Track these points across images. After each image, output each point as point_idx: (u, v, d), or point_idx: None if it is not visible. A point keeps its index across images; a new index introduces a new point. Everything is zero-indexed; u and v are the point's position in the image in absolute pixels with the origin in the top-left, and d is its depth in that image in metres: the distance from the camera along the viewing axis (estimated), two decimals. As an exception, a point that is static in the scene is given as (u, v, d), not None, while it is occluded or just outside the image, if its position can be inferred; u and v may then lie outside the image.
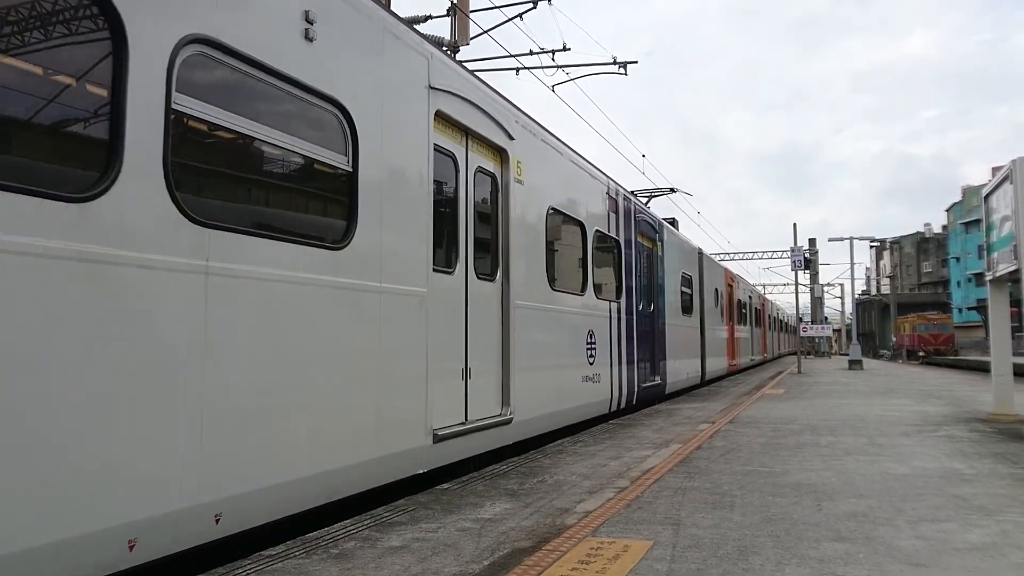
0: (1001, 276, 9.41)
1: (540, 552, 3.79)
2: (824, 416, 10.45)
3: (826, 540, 3.96)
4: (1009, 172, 8.68)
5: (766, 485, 5.46)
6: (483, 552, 3.81)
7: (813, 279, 43.95)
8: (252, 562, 3.66)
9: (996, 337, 10.00)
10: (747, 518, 4.46)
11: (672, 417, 10.62)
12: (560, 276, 8.49)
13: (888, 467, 6.17)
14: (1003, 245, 9.19)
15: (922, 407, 11.79)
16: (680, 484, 5.53)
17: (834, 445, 7.49)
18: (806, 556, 3.67)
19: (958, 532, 4.09)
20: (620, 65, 16.12)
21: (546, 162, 8.22)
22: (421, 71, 5.63)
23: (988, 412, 10.13)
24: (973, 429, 8.74)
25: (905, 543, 3.88)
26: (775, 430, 8.83)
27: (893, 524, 4.28)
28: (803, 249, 28.68)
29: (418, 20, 14.01)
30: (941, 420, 9.80)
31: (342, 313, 4.62)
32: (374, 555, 3.76)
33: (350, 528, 4.32)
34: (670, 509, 4.72)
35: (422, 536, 4.13)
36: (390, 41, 5.25)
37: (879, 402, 12.89)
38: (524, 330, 7.24)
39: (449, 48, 13.55)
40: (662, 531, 4.18)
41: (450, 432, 5.74)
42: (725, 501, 4.93)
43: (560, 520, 4.48)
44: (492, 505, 4.91)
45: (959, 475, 5.77)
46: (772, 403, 12.85)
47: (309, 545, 3.95)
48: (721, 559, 3.63)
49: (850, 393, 15.31)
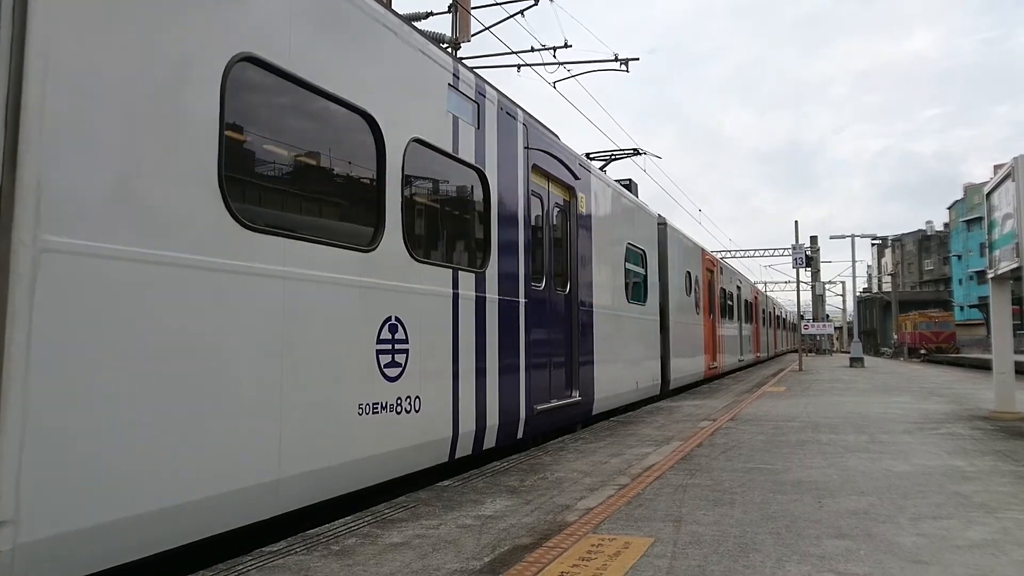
0: (1003, 274, 9.40)
1: (541, 549, 3.79)
2: (825, 413, 10.44)
3: (827, 537, 3.96)
4: (1011, 170, 8.67)
5: (767, 482, 5.46)
6: (484, 549, 3.81)
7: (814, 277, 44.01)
8: (253, 558, 3.66)
9: (997, 335, 9.99)
10: (748, 515, 4.46)
11: (673, 414, 10.62)
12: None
13: (889, 464, 6.16)
14: (1005, 243, 9.18)
15: (923, 405, 11.78)
16: (681, 481, 5.53)
17: (835, 442, 7.49)
18: (807, 553, 3.67)
19: (959, 529, 4.09)
20: (622, 62, 16.11)
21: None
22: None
23: (989, 410, 10.13)
24: (974, 427, 8.73)
25: (906, 540, 3.88)
26: (776, 427, 8.83)
27: (894, 521, 4.28)
28: (804, 247, 28.67)
29: (419, 17, 14.00)
30: (942, 418, 9.79)
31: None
32: (375, 551, 3.77)
33: (351, 524, 4.32)
34: (671, 506, 4.72)
35: (423, 532, 4.14)
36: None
37: (880, 399, 12.89)
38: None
39: (450, 44, 13.54)
40: (663, 528, 4.18)
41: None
42: (726, 498, 4.93)
43: (561, 517, 4.48)
44: (493, 502, 4.92)
45: (960, 472, 5.77)
46: (773, 400, 12.84)
47: (310, 541, 3.95)
48: (722, 556, 3.63)
49: (851, 391, 15.31)
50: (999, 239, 9.51)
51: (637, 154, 16.04)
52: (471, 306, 6.32)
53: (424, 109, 5.73)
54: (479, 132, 6.62)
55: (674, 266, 14.67)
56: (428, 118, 5.78)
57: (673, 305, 14.39)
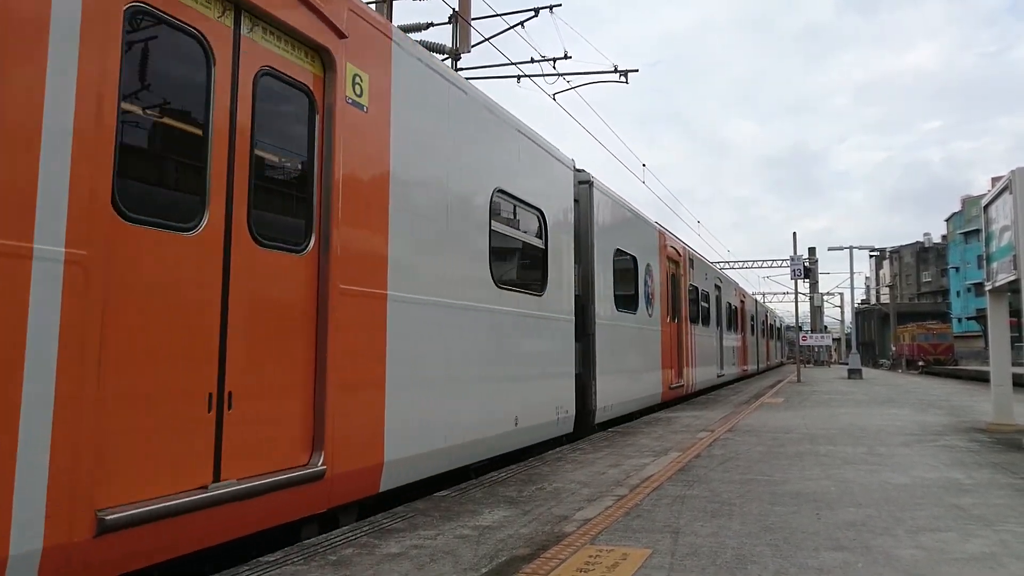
0: (1000, 286, 9.42)
1: (539, 560, 3.78)
2: (823, 425, 10.44)
3: (825, 549, 3.95)
4: (1008, 182, 8.71)
5: (765, 494, 5.45)
6: (481, 559, 3.80)
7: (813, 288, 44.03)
8: (250, 568, 3.65)
9: (995, 347, 10.00)
10: (746, 527, 4.45)
11: (671, 425, 10.61)
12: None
13: (887, 477, 6.16)
14: (1002, 255, 9.20)
15: (921, 417, 11.78)
16: (679, 492, 5.52)
17: (833, 454, 7.49)
18: (805, 565, 3.67)
19: (957, 542, 4.09)
20: (621, 73, 16.17)
21: None
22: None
23: (987, 422, 10.12)
24: (972, 439, 8.73)
25: (904, 553, 3.88)
26: (774, 439, 8.82)
27: (892, 534, 4.27)
28: (802, 258, 28.72)
29: (419, 27, 14.08)
30: (940, 430, 9.79)
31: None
32: (372, 562, 3.76)
33: (348, 534, 4.31)
34: (669, 517, 4.72)
35: (420, 543, 4.13)
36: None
37: (878, 411, 12.88)
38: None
39: (450, 55, 13.61)
40: (661, 539, 4.17)
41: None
42: (724, 510, 4.93)
43: (559, 528, 4.47)
44: (491, 512, 4.91)
45: (958, 485, 5.77)
46: (771, 412, 12.83)
47: (307, 552, 3.94)
48: (720, 568, 3.62)
49: (849, 402, 15.30)
50: (997, 251, 9.54)
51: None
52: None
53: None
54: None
55: (605, 246, 10.70)
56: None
57: (602, 300, 10.30)
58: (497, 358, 6.94)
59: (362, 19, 5.00)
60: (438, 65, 6.13)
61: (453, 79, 6.42)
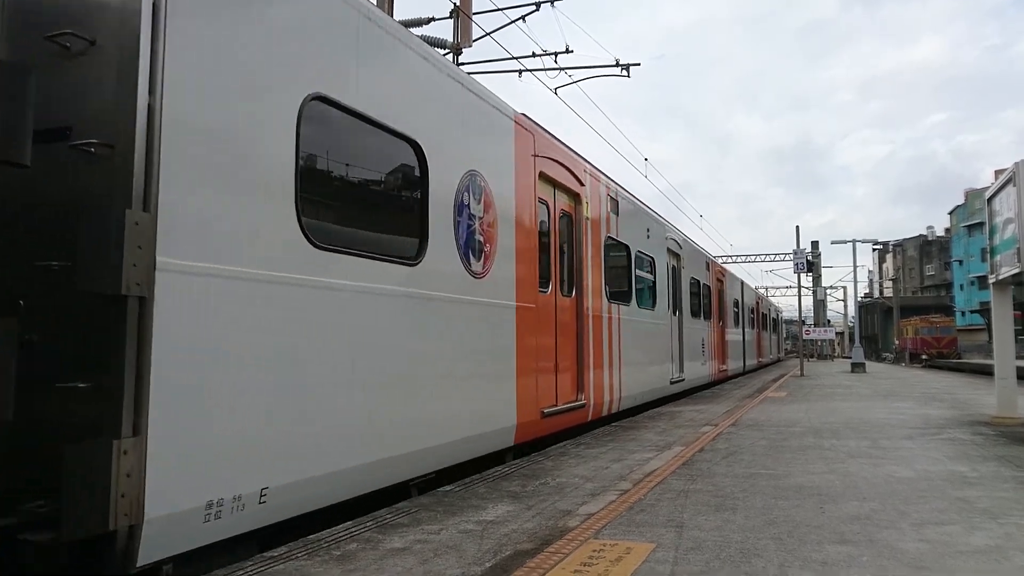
0: (1004, 279, 9.40)
1: (542, 554, 3.79)
2: (827, 419, 10.43)
3: (829, 543, 3.95)
4: (1012, 175, 8.67)
5: (769, 488, 5.45)
6: (485, 554, 3.80)
7: (816, 282, 43.96)
8: (254, 563, 3.66)
9: (999, 340, 9.99)
10: (750, 521, 4.45)
11: (675, 419, 10.61)
12: None
13: (891, 470, 6.15)
14: (1006, 248, 9.17)
15: (925, 410, 11.76)
16: (683, 487, 5.52)
17: (837, 448, 7.48)
18: (809, 559, 3.66)
19: (961, 535, 4.08)
20: (623, 67, 16.10)
21: None
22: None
23: (991, 415, 10.10)
24: (976, 432, 8.71)
25: (908, 546, 3.87)
26: (778, 433, 8.82)
27: (896, 527, 4.27)
28: (805, 252, 28.68)
29: (420, 22, 14.04)
30: (944, 423, 9.77)
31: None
32: (376, 557, 3.76)
33: (352, 529, 4.32)
34: (673, 511, 4.71)
35: (424, 538, 4.13)
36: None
37: (882, 405, 12.86)
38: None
39: (451, 50, 13.57)
40: (665, 534, 4.17)
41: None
42: (728, 504, 4.92)
43: (562, 522, 4.47)
44: (494, 507, 4.91)
45: (962, 478, 5.76)
46: (775, 406, 12.83)
47: (311, 546, 3.94)
48: (724, 562, 3.62)
49: (853, 396, 15.29)
50: (1000, 244, 9.51)
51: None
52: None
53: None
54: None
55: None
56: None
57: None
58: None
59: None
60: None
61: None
